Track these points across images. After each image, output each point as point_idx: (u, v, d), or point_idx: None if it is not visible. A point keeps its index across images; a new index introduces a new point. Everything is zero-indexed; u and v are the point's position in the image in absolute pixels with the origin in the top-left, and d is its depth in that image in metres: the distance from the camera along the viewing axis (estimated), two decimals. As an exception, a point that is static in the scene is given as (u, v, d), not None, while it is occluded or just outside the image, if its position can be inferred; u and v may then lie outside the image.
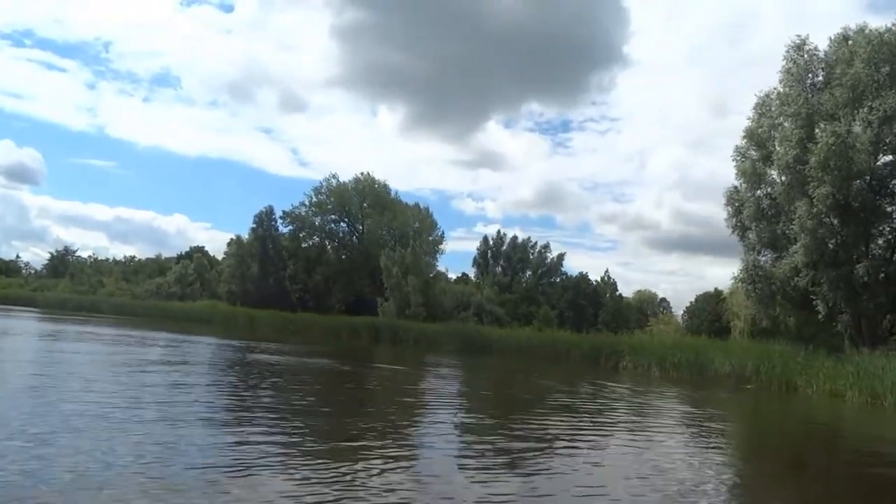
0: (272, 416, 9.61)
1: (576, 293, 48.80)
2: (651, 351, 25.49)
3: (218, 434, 8.02)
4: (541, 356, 29.33)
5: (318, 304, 57.35)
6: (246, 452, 6.88)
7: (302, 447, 7.52)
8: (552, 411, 12.69)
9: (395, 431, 9.29)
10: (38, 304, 56.93)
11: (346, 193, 61.28)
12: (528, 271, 53.72)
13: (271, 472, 6.24)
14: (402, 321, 39.03)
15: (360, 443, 8.01)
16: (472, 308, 46.01)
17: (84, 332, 27.51)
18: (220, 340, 28.03)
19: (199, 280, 59.30)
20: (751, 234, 27.04)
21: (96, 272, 68.71)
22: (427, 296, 44.78)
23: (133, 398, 10.18)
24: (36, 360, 15.07)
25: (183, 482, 5.53)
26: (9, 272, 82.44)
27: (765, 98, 27.22)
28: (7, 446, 6.27)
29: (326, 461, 6.83)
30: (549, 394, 16.32)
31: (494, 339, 31.69)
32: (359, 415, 10.58)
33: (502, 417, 11.54)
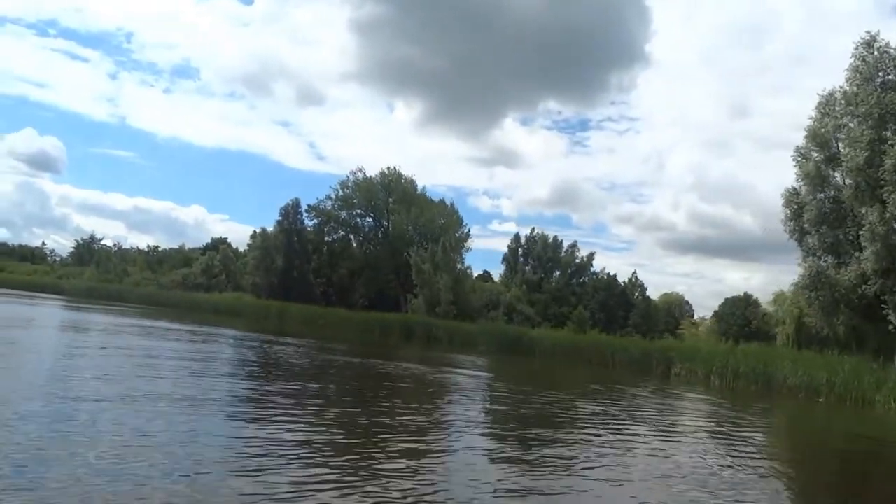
0: (343, 434, 8.41)
1: (607, 294, 47.36)
2: (704, 358, 24.09)
3: (280, 433, 7.50)
4: (584, 359, 28.04)
5: (341, 298, 56.29)
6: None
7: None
8: (628, 424, 11.42)
9: (470, 448, 8.06)
10: (66, 291, 56.21)
11: (372, 188, 60.14)
12: (557, 271, 52.38)
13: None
14: (435, 319, 37.79)
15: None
16: (501, 307, 44.78)
17: (125, 324, 26.43)
18: (258, 335, 26.85)
19: (224, 272, 58.35)
20: (811, 238, 25.54)
21: (121, 261, 68.01)
22: (457, 294, 43.59)
23: (195, 398, 9.05)
24: (79, 354, 13.96)
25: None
26: (34, 259, 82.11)
27: (828, 97, 25.70)
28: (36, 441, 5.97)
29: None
30: (610, 402, 15.06)
31: (536, 341, 30.31)
32: (437, 427, 9.39)
33: (575, 429, 10.30)
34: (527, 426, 10.31)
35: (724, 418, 14.63)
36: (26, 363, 11.98)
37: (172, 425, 7.40)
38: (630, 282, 55.43)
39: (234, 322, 36.47)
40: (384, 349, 26.73)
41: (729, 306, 58.96)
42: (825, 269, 24.37)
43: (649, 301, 52.45)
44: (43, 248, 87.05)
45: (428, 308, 42.83)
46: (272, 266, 58.69)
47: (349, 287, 58.90)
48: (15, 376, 10.09)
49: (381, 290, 57.50)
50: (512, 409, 12.37)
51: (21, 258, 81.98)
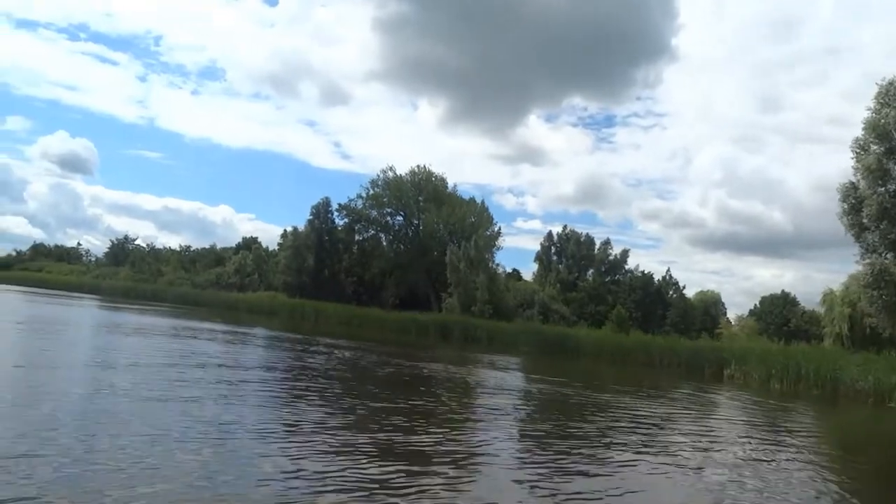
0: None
1: (644, 293, 46.21)
2: (760, 359, 23.02)
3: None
4: (630, 360, 27.09)
5: (372, 297, 55.85)
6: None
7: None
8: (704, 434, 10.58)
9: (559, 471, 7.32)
10: (103, 291, 56.54)
11: (402, 186, 59.55)
12: (591, 269, 51.33)
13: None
14: (473, 319, 37.07)
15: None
16: (536, 306, 43.90)
17: (174, 326, 26.15)
18: (298, 336, 26.43)
19: (256, 271, 58.25)
20: (870, 234, 24.32)
21: (155, 260, 68.36)
22: (492, 293, 42.83)
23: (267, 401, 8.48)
24: (148, 358, 13.51)
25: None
26: (70, 259, 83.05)
27: (888, 86, 24.44)
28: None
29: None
30: (670, 406, 14.22)
31: (581, 341, 29.42)
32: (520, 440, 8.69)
33: (636, 435, 9.51)
34: (593, 434, 9.56)
35: (802, 426, 13.71)
36: (96, 369, 11.56)
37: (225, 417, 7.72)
38: (664, 280, 54.21)
39: (270, 322, 36.16)
40: (423, 350, 26.09)
41: (767, 305, 57.40)
42: (889, 266, 23.14)
43: (686, 299, 51.12)
44: (78, 248, 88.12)
45: (463, 307, 42.12)
46: (304, 265, 58.48)
47: (380, 286, 58.46)
48: (87, 382, 9.64)
49: (412, 289, 56.92)
50: (576, 415, 11.60)
51: (58, 258, 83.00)
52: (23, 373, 10.45)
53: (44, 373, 10.66)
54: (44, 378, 10.06)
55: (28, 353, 13.45)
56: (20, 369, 10.87)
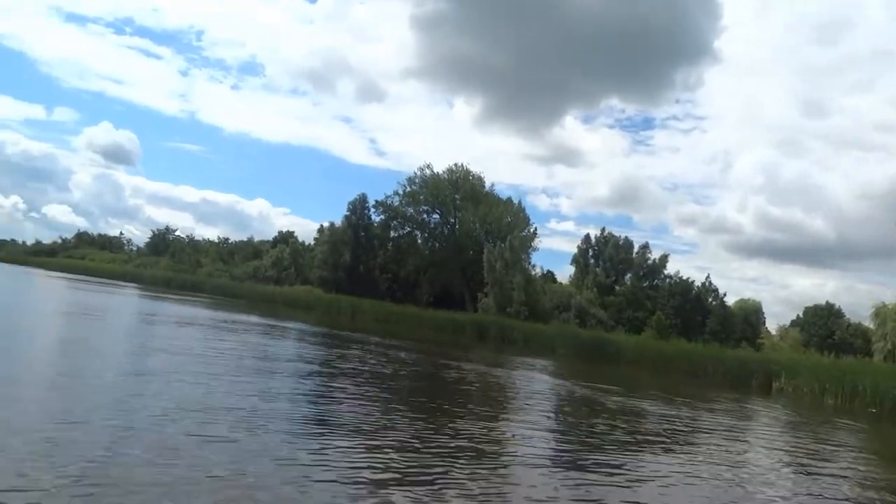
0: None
1: (683, 299, 45.23)
2: (812, 372, 22.20)
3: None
4: (672, 368, 26.40)
5: (406, 295, 55.82)
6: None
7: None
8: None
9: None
10: (144, 280, 57.60)
11: (439, 184, 59.40)
12: (629, 273, 50.47)
13: None
14: (509, 320, 36.69)
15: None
16: (573, 309, 43.29)
17: (219, 318, 26.36)
18: (337, 332, 26.41)
19: (293, 265, 58.72)
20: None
21: (194, 251, 69.44)
22: (528, 294, 42.38)
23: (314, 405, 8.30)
24: (184, 350, 13.51)
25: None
26: (112, 248, 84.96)
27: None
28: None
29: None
30: (720, 418, 13.68)
31: (622, 347, 28.81)
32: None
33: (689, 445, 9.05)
34: (631, 441, 9.15)
35: (860, 445, 13.06)
36: (143, 357, 11.57)
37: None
38: (704, 286, 53.01)
39: (307, 316, 36.26)
40: (460, 349, 25.80)
41: (811, 315, 55.80)
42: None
43: (726, 307, 49.90)
44: (120, 237, 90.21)
45: (499, 308, 41.77)
46: (339, 261, 58.78)
47: (414, 284, 58.40)
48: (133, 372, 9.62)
49: (447, 287, 56.73)
50: (615, 422, 11.17)
51: (101, 247, 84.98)
52: (69, 359, 10.54)
53: (94, 361, 10.71)
54: (93, 366, 10.09)
55: (80, 342, 13.57)
56: (68, 354, 10.95)
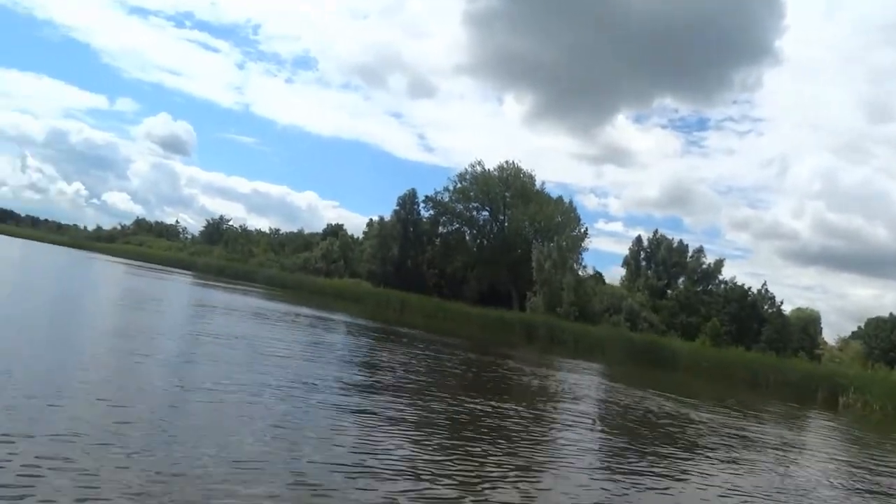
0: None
1: (739, 306, 43.72)
2: (883, 388, 21.04)
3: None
4: (730, 377, 25.46)
5: (453, 291, 55.63)
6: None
7: None
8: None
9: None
10: (198, 268, 58.97)
11: (489, 181, 59.01)
12: (682, 277, 49.12)
13: None
14: (559, 320, 36.09)
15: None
16: (623, 312, 42.34)
17: (280, 311, 26.66)
18: (387, 326, 26.37)
19: (342, 258, 59.23)
20: None
21: (247, 241, 70.79)
22: (578, 295, 41.67)
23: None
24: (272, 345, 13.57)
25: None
26: (168, 235, 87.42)
27: None
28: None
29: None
30: (796, 436, 12.95)
31: (677, 353, 27.94)
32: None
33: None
34: (689, 453, 8.63)
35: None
36: (203, 347, 11.65)
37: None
38: (759, 293, 51.20)
39: (357, 309, 36.41)
40: (509, 348, 25.43)
41: (873, 328, 53.30)
42: None
43: (783, 316, 48.09)
44: (176, 225, 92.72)
45: (547, 307, 41.19)
46: (388, 255, 59.01)
47: (462, 280, 58.18)
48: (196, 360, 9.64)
49: (494, 285, 56.32)
50: (679, 430, 10.64)
51: (158, 234, 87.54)
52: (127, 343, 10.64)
53: (150, 343, 10.79)
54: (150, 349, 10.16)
55: (141, 328, 13.77)
56: (128, 338, 11.08)
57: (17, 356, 8.10)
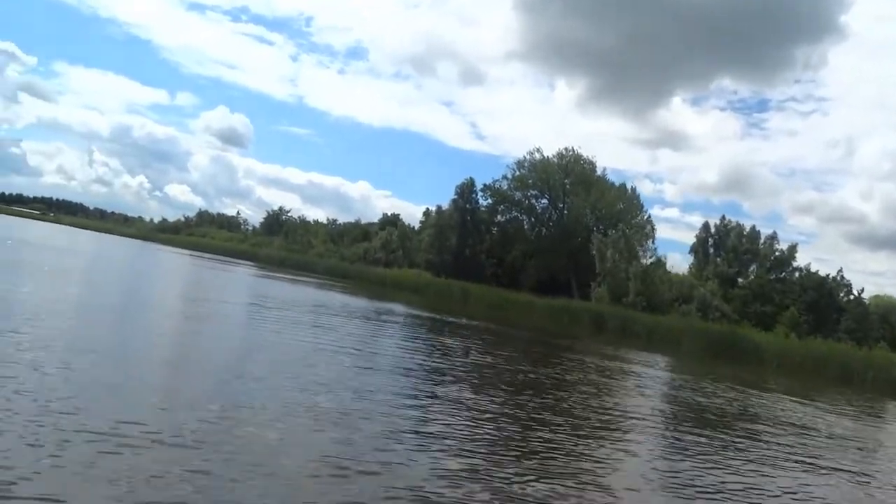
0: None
1: (817, 294, 41.39)
2: None
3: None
4: (819, 372, 23.92)
5: (511, 280, 54.81)
6: None
7: None
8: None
9: None
10: (259, 259, 59.83)
11: (549, 168, 57.76)
12: (754, 265, 46.89)
13: None
14: (629, 311, 34.89)
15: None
16: (694, 302, 40.65)
17: (355, 306, 26.51)
18: (455, 319, 25.81)
19: (401, 248, 59.07)
20: None
21: (305, 232, 71.44)
22: (645, 284, 40.26)
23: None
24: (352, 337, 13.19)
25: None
26: (230, 227, 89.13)
27: None
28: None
29: None
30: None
31: (761, 345, 26.46)
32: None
33: None
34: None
35: None
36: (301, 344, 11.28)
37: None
38: (836, 280, 48.47)
39: (420, 300, 36.05)
40: (580, 341, 24.55)
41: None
42: None
43: (863, 304, 45.42)
44: (237, 216, 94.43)
45: (612, 298, 39.96)
46: (446, 244, 58.54)
47: (520, 269, 57.26)
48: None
49: (553, 274, 55.21)
50: (772, 434, 9.63)
51: (219, 226, 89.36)
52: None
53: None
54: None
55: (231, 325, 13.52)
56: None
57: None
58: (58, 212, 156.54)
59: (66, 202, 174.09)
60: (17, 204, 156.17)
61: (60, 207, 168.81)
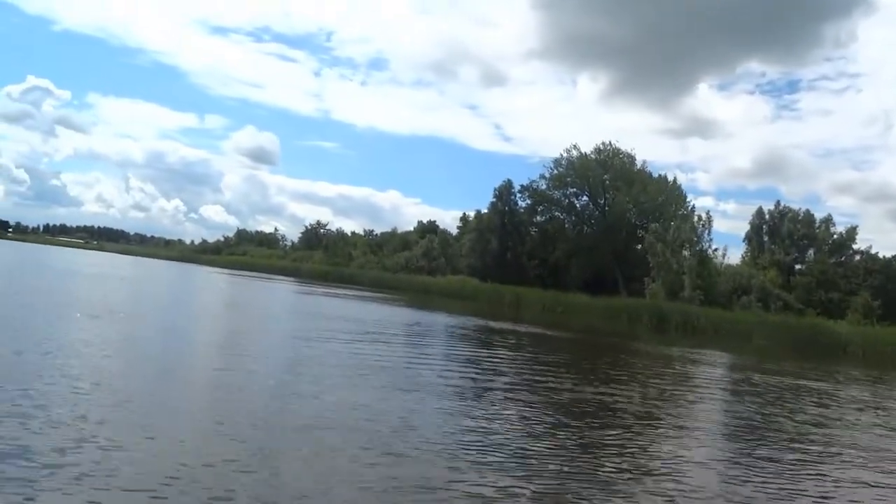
0: None
1: (885, 277, 39.38)
2: None
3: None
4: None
5: (555, 280, 53.53)
6: None
7: None
8: None
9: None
10: (302, 274, 59.65)
11: (587, 165, 56.39)
12: (811, 250, 45.00)
13: None
14: (692, 307, 33.50)
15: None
16: (753, 292, 38.98)
17: (429, 322, 25.74)
18: (515, 326, 24.82)
19: (442, 254, 58.31)
20: None
21: (345, 244, 71.18)
22: (702, 277, 38.76)
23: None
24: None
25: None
26: (269, 243, 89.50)
27: None
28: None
29: None
30: None
31: (847, 338, 24.88)
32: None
33: None
34: None
35: None
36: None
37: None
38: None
39: (473, 308, 35.10)
40: (645, 342, 23.27)
41: None
42: None
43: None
44: (276, 233, 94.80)
45: (668, 293, 38.52)
46: (487, 248, 57.62)
47: (564, 269, 56.00)
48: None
49: (597, 272, 53.83)
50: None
51: (258, 243, 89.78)
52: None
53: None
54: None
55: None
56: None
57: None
58: (100, 239, 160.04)
59: (107, 229, 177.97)
60: (63, 234, 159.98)
61: (102, 235, 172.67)
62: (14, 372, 7.28)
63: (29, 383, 6.71)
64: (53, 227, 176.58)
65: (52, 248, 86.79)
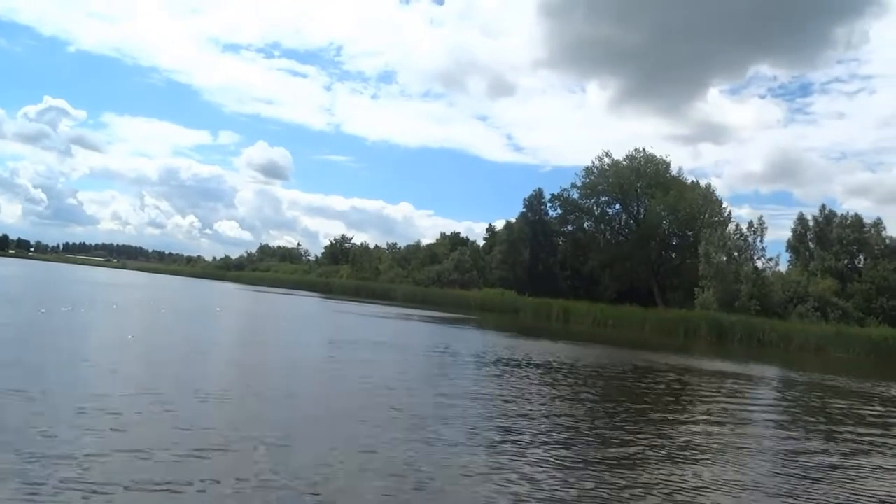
0: None
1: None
2: None
3: None
4: None
5: (588, 291, 51.69)
6: None
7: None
8: None
9: None
10: (333, 290, 58.05)
11: (620, 173, 54.60)
12: (862, 255, 42.91)
13: None
14: (754, 318, 31.64)
15: None
16: (810, 301, 37.01)
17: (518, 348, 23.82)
18: (575, 342, 22.96)
19: (474, 267, 56.62)
20: None
21: (370, 259, 69.63)
22: (758, 286, 36.90)
23: None
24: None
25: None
26: (292, 258, 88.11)
27: None
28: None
29: None
30: None
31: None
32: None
33: None
34: None
35: None
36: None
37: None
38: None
39: (525, 323, 33.37)
40: (710, 358, 21.31)
41: None
42: None
43: None
44: (298, 248, 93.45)
45: (720, 303, 36.62)
46: (518, 259, 55.97)
47: (597, 279, 54.16)
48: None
49: (632, 281, 51.92)
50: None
51: (281, 258, 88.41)
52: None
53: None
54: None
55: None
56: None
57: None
58: (118, 256, 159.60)
59: (124, 247, 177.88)
60: (82, 253, 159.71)
61: (120, 252, 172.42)
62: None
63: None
64: (73, 245, 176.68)
65: (76, 266, 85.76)
